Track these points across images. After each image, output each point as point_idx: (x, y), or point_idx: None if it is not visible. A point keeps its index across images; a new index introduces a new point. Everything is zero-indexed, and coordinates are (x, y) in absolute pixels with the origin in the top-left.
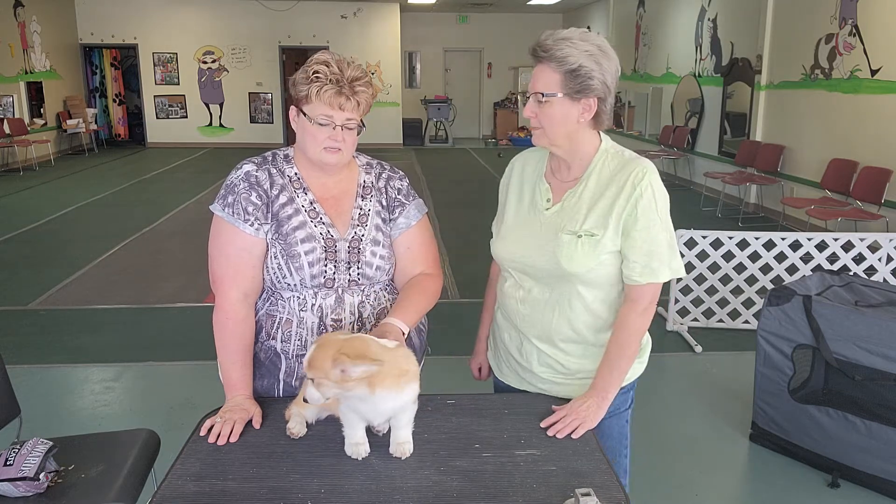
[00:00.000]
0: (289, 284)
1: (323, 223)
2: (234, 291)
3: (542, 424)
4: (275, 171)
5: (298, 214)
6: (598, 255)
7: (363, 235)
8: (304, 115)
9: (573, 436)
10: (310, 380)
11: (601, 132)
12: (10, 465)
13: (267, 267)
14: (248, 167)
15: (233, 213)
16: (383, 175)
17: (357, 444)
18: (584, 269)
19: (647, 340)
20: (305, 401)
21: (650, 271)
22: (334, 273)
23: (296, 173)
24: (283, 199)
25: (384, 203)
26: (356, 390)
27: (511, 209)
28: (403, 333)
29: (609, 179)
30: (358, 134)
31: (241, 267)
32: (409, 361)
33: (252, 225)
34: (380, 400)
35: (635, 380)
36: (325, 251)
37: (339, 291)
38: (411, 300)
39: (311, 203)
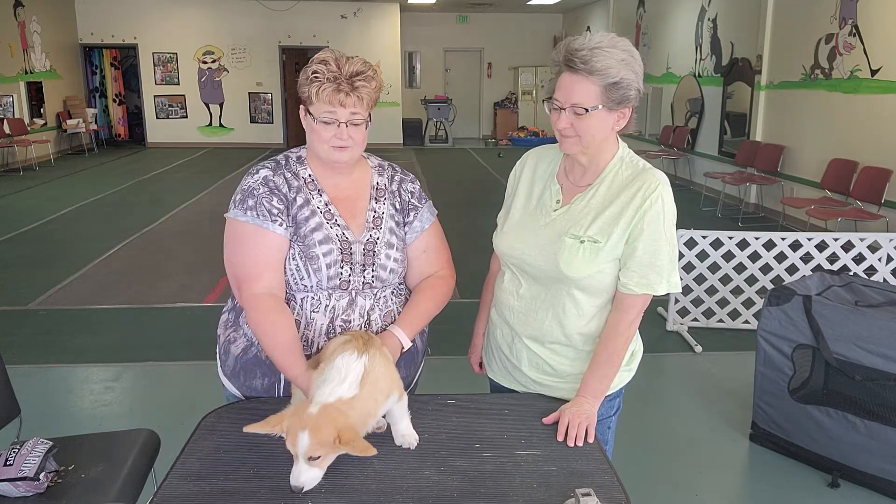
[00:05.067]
0: (305, 286)
1: (338, 225)
2: (258, 287)
3: (559, 438)
4: (290, 174)
5: (315, 216)
6: (598, 263)
7: (378, 238)
8: (310, 114)
9: (588, 440)
10: (307, 460)
11: (619, 139)
12: (10, 465)
13: (285, 268)
14: (265, 172)
15: (257, 215)
16: (395, 178)
17: None
18: (582, 275)
19: (638, 348)
20: (296, 488)
21: (647, 283)
22: (350, 275)
23: (310, 174)
24: (300, 201)
25: (398, 206)
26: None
27: (519, 204)
28: (403, 348)
29: (621, 188)
30: (366, 128)
31: (268, 265)
32: (377, 395)
33: (281, 224)
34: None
35: (622, 387)
36: (342, 253)
37: (353, 294)
38: (420, 308)
39: (326, 205)
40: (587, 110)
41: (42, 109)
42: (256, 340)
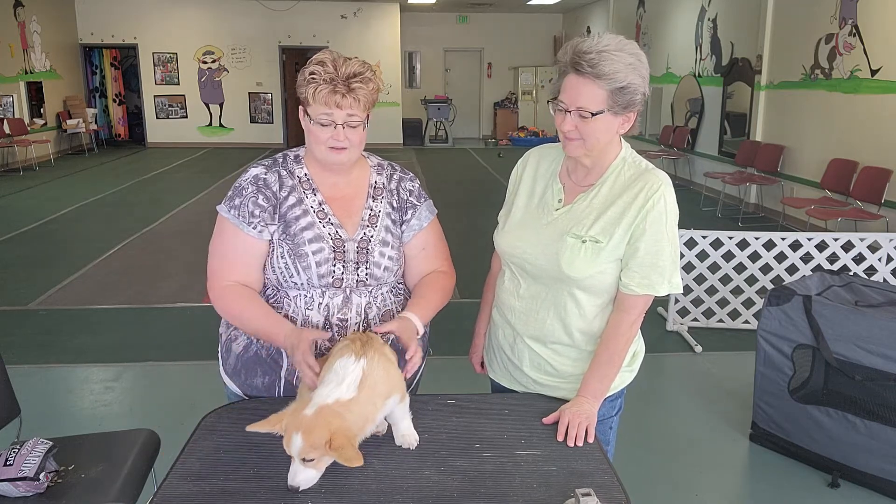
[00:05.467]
0: (295, 283)
1: (331, 223)
2: (224, 282)
3: (559, 438)
4: (285, 172)
5: (307, 215)
6: (600, 263)
7: (372, 236)
8: (308, 115)
9: (588, 440)
10: (302, 461)
11: (622, 138)
12: (10, 465)
13: (273, 266)
14: (256, 170)
15: (238, 215)
16: (395, 176)
17: None
18: (584, 275)
19: (640, 349)
20: (292, 488)
21: (649, 283)
22: (343, 273)
23: (305, 174)
24: (291, 200)
25: (395, 204)
26: None
27: (520, 203)
28: (418, 333)
29: (623, 188)
30: (363, 129)
31: (236, 263)
32: (376, 398)
33: (255, 228)
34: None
35: (623, 388)
36: (334, 251)
37: (347, 292)
38: (428, 297)
39: (320, 204)
40: (593, 114)
41: (42, 109)
42: (253, 336)
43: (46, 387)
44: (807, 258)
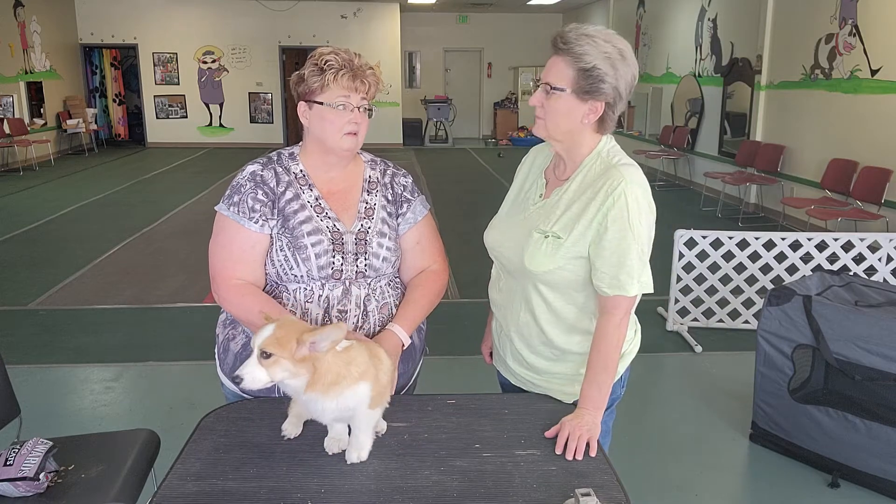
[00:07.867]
0: (295, 276)
1: (329, 217)
2: (230, 280)
3: (557, 451)
4: (280, 169)
5: (304, 210)
6: (558, 259)
7: (369, 228)
8: (319, 104)
9: (590, 453)
10: (262, 357)
11: (610, 135)
12: (10, 465)
13: (272, 260)
14: (252, 167)
15: (238, 211)
16: (388, 171)
17: (332, 438)
18: (542, 270)
19: (628, 350)
20: (235, 381)
21: (618, 283)
22: (342, 265)
23: (301, 170)
24: (289, 195)
25: (390, 198)
26: (293, 382)
27: (510, 198)
28: (402, 345)
29: (589, 184)
30: (369, 117)
31: (240, 259)
32: (350, 367)
33: (257, 222)
34: (309, 401)
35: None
36: (333, 243)
37: (347, 284)
38: (415, 304)
39: (317, 199)
40: (553, 88)
41: (42, 109)
42: (247, 327)
43: (46, 387)
44: (807, 258)
